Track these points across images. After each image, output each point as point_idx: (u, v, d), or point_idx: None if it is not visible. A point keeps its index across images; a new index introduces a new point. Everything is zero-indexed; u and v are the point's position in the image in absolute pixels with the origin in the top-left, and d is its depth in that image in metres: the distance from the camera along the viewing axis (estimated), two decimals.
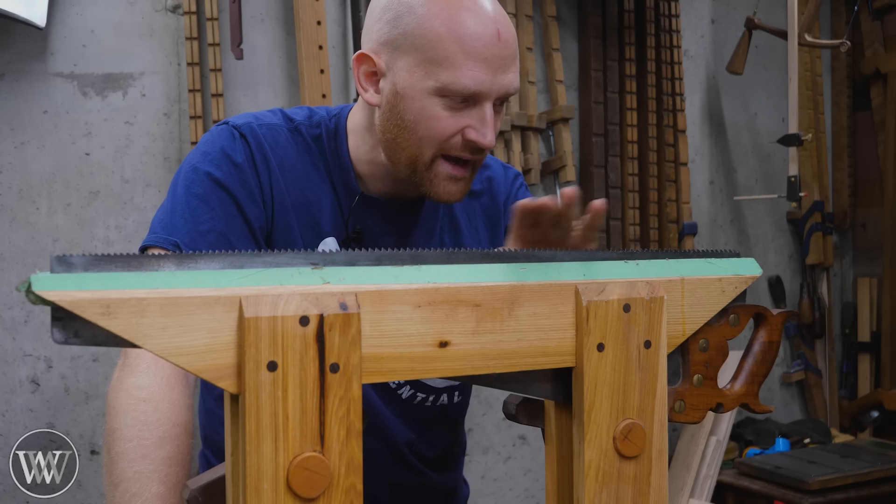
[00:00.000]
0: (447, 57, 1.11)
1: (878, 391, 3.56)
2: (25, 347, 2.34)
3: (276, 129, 1.24)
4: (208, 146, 1.20)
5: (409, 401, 1.31)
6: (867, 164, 3.79)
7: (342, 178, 1.25)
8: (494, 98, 1.14)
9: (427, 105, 1.13)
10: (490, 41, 1.11)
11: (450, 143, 1.15)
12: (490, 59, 1.11)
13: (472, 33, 1.11)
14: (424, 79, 1.13)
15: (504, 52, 1.13)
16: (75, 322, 0.67)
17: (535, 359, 0.84)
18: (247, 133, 1.20)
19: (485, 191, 1.37)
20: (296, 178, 1.22)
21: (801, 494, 2.79)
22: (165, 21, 2.48)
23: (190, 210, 1.15)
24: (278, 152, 1.22)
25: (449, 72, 1.11)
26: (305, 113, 1.29)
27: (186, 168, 1.19)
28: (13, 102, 2.33)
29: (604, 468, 0.86)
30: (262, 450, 0.71)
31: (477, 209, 1.37)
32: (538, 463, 3.03)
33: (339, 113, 1.29)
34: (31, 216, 2.34)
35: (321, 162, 1.25)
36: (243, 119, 1.23)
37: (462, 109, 1.14)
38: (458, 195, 1.20)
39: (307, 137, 1.25)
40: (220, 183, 1.17)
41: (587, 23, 3.10)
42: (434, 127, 1.14)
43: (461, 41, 1.10)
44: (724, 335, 0.97)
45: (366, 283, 0.77)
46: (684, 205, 3.25)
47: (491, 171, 1.39)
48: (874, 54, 3.69)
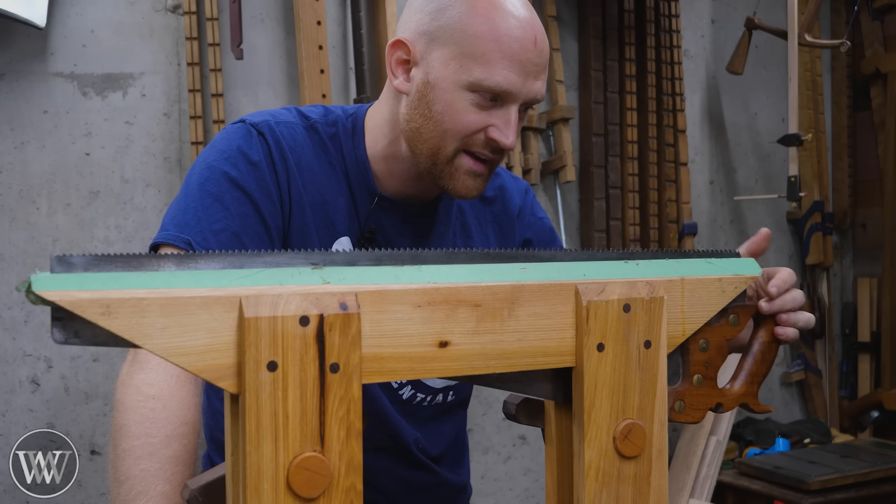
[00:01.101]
0: (484, 54, 1.13)
1: (878, 391, 3.56)
2: (25, 347, 2.34)
3: (292, 126, 1.24)
4: (224, 144, 1.19)
5: (409, 401, 1.32)
6: (867, 164, 3.79)
7: (359, 176, 1.26)
8: (522, 102, 1.16)
9: (457, 98, 1.15)
10: (527, 46, 1.14)
11: (472, 139, 1.17)
12: (524, 63, 1.14)
13: (511, 35, 1.13)
14: (458, 72, 1.15)
15: (538, 59, 1.16)
16: (75, 322, 0.67)
17: (535, 359, 0.84)
18: (265, 131, 1.20)
19: (497, 198, 1.39)
20: (312, 177, 1.23)
21: (801, 494, 2.79)
22: (165, 21, 2.48)
23: (204, 208, 1.14)
24: (296, 150, 1.22)
25: (483, 68, 1.13)
26: (321, 111, 1.29)
27: (201, 166, 1.18)
28: (13, 102, 2.33)
29: (604, 468, 0.86)
30: (262, 450, 0.71)
31: (488, 215, 1.38)
32: (538, 463, 3.03)
33: (356, 112, 1.30)
34: (31, 216, 2.34)
35: (337, 160, 1.25)
36: (260, 117, 1.23)
37: (489, 108, 1.16)
38: (476, 191, 1.21)
39: (323, 136, 1.26)
40: (235, 182, 1.16)
41: (587, 23, 3.10)
42: (460, 121, 1.16)
43: (499, 41, 1.13)
44: (724, 335, 0.97)
45: (366, 283, 0.77)
46: (684, 205, 3.25)
47: (502, 180, 1.41)
48: (874, 54, 3.69)
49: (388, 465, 1.32)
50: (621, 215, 3.15)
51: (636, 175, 3.16)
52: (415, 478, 1.35)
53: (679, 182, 3.24)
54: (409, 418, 1.32)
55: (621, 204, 3.15)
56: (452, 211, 1.34)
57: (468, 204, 1.36)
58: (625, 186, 3.15)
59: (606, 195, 3.11)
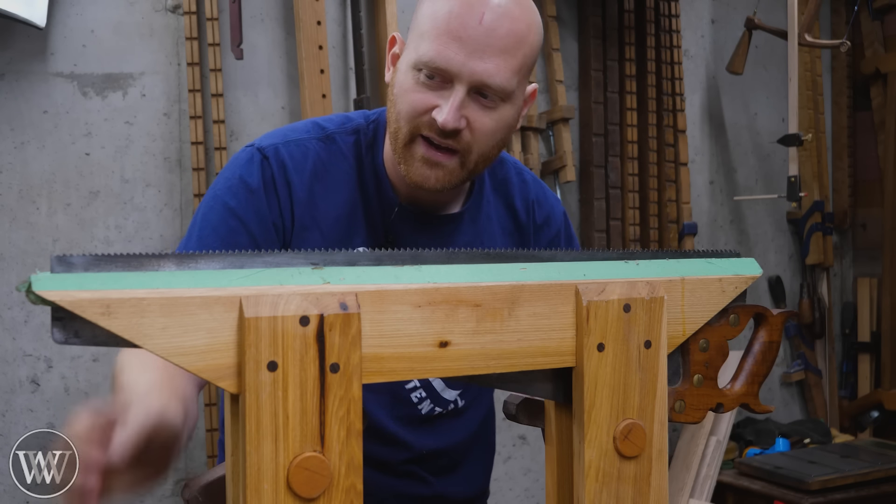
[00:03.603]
0: (425, 32, 1.13)
1: (878, 391, 3.56)
2: (25, 347, 2.34)
3: (304, 143, 1.24)
4: (230, 172, 1.23)
5: (428, 414, 1.32)
6: (867, 164, 3.79)
7: (376, 186, 1.25)
8: (467, 82, 1.12)
9: (406, 79, 1.16)
10: (469, 22, 1.11)
11: (420, 120, 1.15)
12: (465, 41, 1.11)
13: (452, 12, 1.12)
14: (409, 53, 1.16)
15: (485, 38, 1.11)
16: (75, 322, 0.67)
17: (535, 359, 0.84)
18: (269, 155, 1.22)
19: (523, 211, 1.37)
20: (325, 192, 1.23)
21: (801, 494, 2.79)
22: (165, 21, 2.48)
23: (200, 240, 1.19)
24: (307, 168, 1.23)
25: (423, 45, 1.13)
26: (340, 119, 1.29)
27: (209, 194, 1.23)
28: (13, 102, 2.33)
29: (604, 468, 0.86)
30: (262, 450, 0.71)
31: (512, 228, 1.36)
32: (538, 463, 3.03)
33: (378, 118, 1.29)
34: (31, 216, 2.34)
35: (355, 170, 1.25)
36: (270, 139, 1.25)
37: (436, 89, 1.13)
38: (434, 181, 1.17)
39: (342, 145, 1.26)
40: (234, 212, 1.20)
41: (587, 23, 3.10)
42: (406, 100, 1.15)
43: (437, 17, 1.12)
44: (724, 335, 0.97)
45: (366, 283, 0.77)
46: (684, 205, 3.25)
47: (542, 196, 1.39)
48: (874, 54, 3.69)
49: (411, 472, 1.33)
50: (621, 215, 3.14)
51: (636, 175, 3.16)
52: (443, 490, 1.36)
53: (679, 182, 3.24)
54: (423, 430, 1.32)
55: (621, 204, 3.15)
56: (480, 221, 1.32)
57: (496, 215, 1.34)
58: (625, 186, 3.15)
59: (606, 195, 3.11)
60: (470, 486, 1.42)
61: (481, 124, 1.15)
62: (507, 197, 1.36)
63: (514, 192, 1.36)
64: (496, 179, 1.36)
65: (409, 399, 1.30)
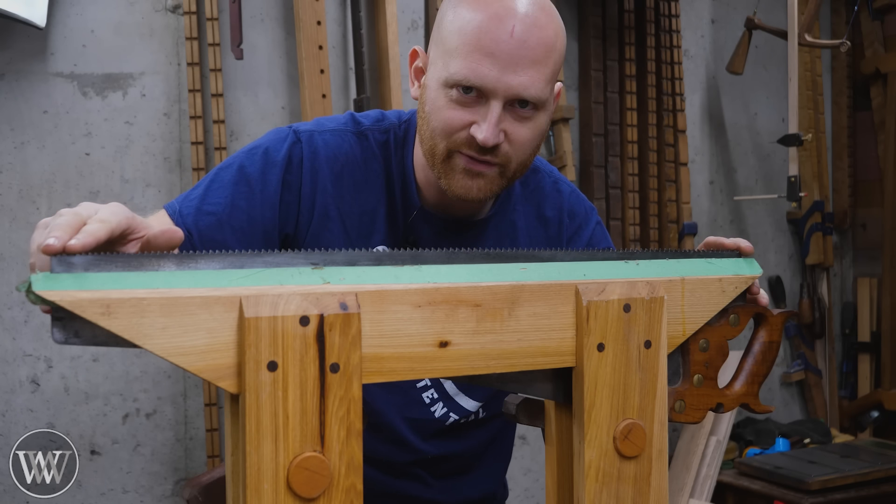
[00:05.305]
0: (455, 48, 1.12)
1: (878, 391, 3.56)
2: (25, 347, 2.34)
3: (340, 134, 1.25)
4: (259, 141, 1.25)
5: (442, 419, 1.31)
6: (867, 164, 3.79)
7: (402, 187, 1.25)
8: (503, 97, 1.11)
9: (439, 96, 1.14)
10: (500, 37, 1.10)
11: (457, 137, 1.14)
12: (497, 56, 1.10)
13: (482, 27, 1.10)
14: (440, 70, 1.14)
15: (518, 51, 1.10)
16: (75, 322, 0.67)
17: (535, 359, 0.84)
18: (304, 139, 1.23)
19: (554, 220, 1.35)
20: (354, 186, 1.23)
21: (801, 494, 2.79)
22: (165, 21, 2.48)
23: (208, 189, 1.20)
24: (338, 160, 1.23)
25: (455, 62, 1.11)
26: (376, 116, 1.29)
27: (234, 154, 1.24)
28: (13, 102, 2.33)
29: (604, 468, 0.86)
30: (262, 450, 0.71)
31: (542, 237, 1.34)
32: (538, 463, 3.03)
33: (410, 119, 1.29)
34: (31, 216, 2.34)
35: (383, 169, 1.25)
36: (308, 125, 1.26)
37: (472, 105, 1.12)
38: (476, 191, 1.16)
39: (373, 143, 1.26)
40: (245, 175, 1.20)
41: (587, 23, 3.10)
42: (442, 118, 1.14)
43: (467, 33, 1.11)
44: (724, 335, 0.97)
45: (366, 283, 0.77)
46: (684, 205, 3.25)
47: (569, 203, 1.36)
48: (874, 54, 3.69)
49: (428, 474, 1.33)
50: (621, 215, 3.14)
51: (636, 175, 3.16)
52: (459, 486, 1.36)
53: (679, 182, 3.24)
54: (437, 435, 1.32)
55: (621, 204, 3.15)
56: (504, 228, 1.30)
57: (524, 223, 1.33)
58: (625, 186, 3.15)
59: (606, 195, 3.11)
60: (475, 491, 1.41)
61: (519, 135, 1.15)
62: (538, 206, 1.34)
63: (545, 201, 1.35)
64: (528, 188, 1.34)
65: (421, 399, 1.29)
